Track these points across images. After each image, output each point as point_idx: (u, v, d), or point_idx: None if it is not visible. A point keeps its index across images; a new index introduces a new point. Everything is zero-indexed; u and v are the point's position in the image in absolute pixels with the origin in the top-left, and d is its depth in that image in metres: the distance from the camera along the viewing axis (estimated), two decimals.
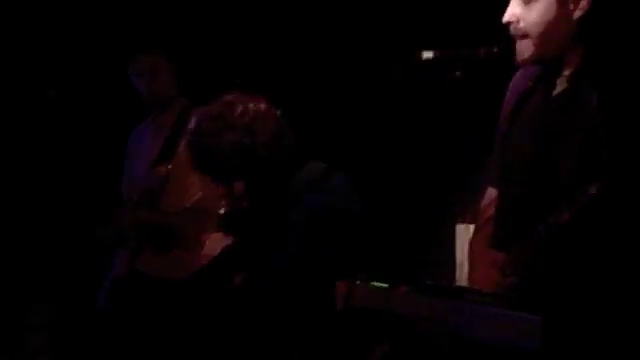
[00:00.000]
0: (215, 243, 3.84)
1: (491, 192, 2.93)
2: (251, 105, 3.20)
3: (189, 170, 3.89)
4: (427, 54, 2.63)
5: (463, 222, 5.14)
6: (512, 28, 2.64)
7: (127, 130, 4.56)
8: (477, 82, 2.70)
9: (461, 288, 2.67)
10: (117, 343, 4.03)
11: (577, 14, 2.59)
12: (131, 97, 4.41)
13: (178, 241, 4.02)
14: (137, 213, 4.10)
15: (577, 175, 2.51)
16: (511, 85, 2.85)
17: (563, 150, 2.57)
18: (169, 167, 4.09)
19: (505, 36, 2.64)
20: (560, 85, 2.66)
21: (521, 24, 2.62)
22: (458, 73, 2.58)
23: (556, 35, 2.61)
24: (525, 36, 2.63)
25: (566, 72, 2.64)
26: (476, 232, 2.98)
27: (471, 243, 2.98)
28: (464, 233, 5.09)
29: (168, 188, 4.12)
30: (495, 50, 2.64)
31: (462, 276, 5.00)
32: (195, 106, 4.13)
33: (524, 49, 2.63)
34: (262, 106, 3.21)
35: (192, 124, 3.23)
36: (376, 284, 2.55)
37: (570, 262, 2.55)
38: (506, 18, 2.64)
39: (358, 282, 2.56)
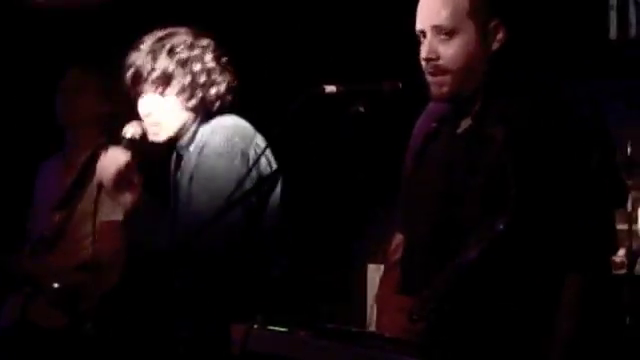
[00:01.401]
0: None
1: (398, 236, 2.85)
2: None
3: (90, 217, 3.68)
4: (330, 88, 2.55)
5: (374, 262, 5.07)
6: (431, 65, 2.56)
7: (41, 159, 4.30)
8: (381, 117, 2.62)
9: (364, 333, 2.59)
10: None
11: (495, 46, 2.54)
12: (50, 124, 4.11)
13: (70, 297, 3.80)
14: (25, 263, 3.87)
15: (482, 212, 2.44)
16: (416, 127, 2.79)
17: (468, 187, 2.51)
18: (63, 215, 3.85)
19: (411, 72, 2.57)
20: (464, 123, 2.60)
21: (441, 61, 2.55)
22: (361, 108, 2.49)
23: (475, 69, 2.55)
24: (445, 72, 2.55)
25: (471, 109, 2.58)
26: (383, 277, 2.89)
27: (379, 288, 2.90)
28: (375, 273, 5.02)
29: (65, 237, 3.88)
30: (400, 85, 2.56)
31: (373, 318, 4.92)
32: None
33: (443, 84, 2.56)
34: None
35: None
36: (274, 328, 2.44)
37: (477, 303, 2.48)
38: (426, 55, 2.56)
39: (255, 326, 2.43)
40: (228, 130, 3.13)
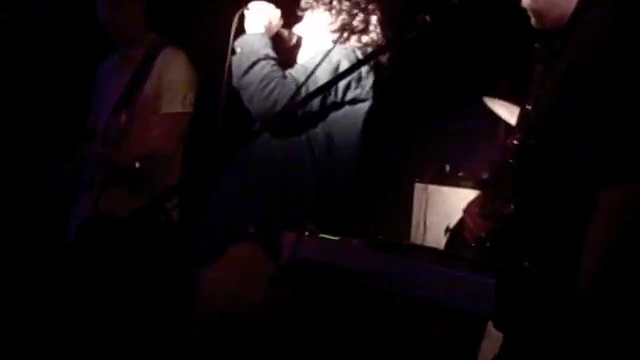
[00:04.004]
0: None
1: None
2: None
3: (152, 110, 3.92)
4: None
5: (422, 182, 5.05)
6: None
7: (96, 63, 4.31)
8: (447, 28, 2.56)
9: (414, 246, 2.59)
10: (83, 284, 3.91)
11: None
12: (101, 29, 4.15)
13: (142, 184, 3.87)
14: (105, 152, 3.92)
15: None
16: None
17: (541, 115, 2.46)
18: (124, 116, 3.91)
19: None
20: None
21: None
22: (427, 17, 2.43)
23: (556, 5, 2.50)
24: (527, 8, 2.54)
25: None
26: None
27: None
28: (422, 193, 5.01)
29: (131, 129, 3.93)
30: None
31: (418, 235, 4.93)
32: (167, 41, 4.05)
33: (531, 17, 2.55)
34: None
35: None
36: (326, 236, 2.44)
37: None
38: None
39: (307, 233, 2.43)
40: None
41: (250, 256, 3.11)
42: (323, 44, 3.28)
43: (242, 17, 3.27)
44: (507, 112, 4.27)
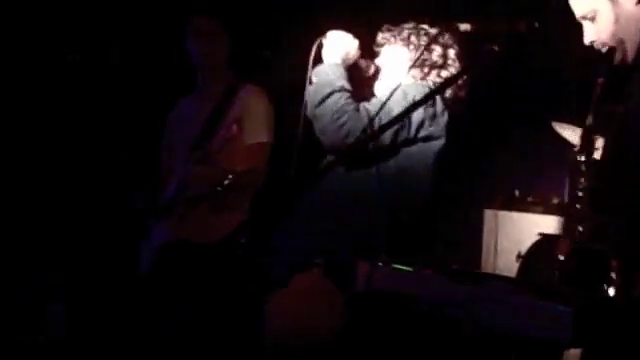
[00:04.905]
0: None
1: None
2: None
3: (233, 143, 3.99)
4: (464, 26, 2.51)
5: (491, 208, 5.03)
6: None
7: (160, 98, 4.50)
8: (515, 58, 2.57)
9: (487, 274, 2.57)
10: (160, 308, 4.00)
11: None
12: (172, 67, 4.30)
13: (224, 204, 4.02)
14: (199, 168, 4.02)
15: None
16: None
17: None
18: (236, 126, 3.97)
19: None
20: None
21: None
22: (495, 47, 2.43)
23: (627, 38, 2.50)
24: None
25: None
26: None
27: None
28: (492, 219, 4.99)
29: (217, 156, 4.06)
30: (536, 25, 2.50)
31: (489, 262, 4.91)
32: (241, 79, 4.20)
33: None
34: None
35: None
36: (399, 266, 2.44)
37: None
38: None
39: (380, 264, 2.44)
40: None
41: (314, 286, 3.12)
42: (402, 79, 3.27)
43: (320, 46, 3.30)
44: (575, 135, 4.24)
